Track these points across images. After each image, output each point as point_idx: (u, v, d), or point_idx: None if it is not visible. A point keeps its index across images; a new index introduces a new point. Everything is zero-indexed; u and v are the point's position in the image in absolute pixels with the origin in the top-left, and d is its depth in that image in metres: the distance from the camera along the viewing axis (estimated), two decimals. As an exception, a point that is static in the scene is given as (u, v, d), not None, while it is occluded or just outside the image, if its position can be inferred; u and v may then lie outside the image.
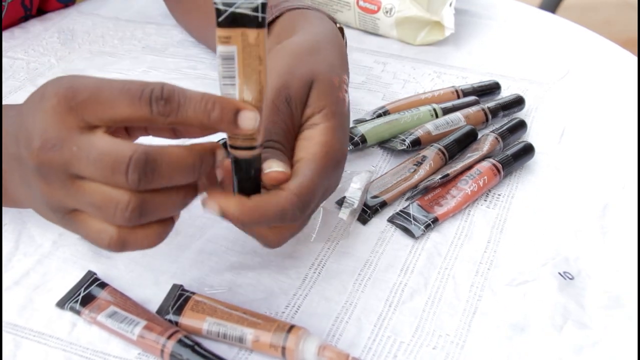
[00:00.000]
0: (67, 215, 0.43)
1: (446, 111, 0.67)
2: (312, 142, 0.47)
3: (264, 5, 0.40)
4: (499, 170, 0.60)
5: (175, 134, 0.45)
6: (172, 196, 0.42)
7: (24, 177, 0.44)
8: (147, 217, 0.41)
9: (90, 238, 0.43)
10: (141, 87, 0.40)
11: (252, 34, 0.40)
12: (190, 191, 0.43)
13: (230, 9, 0.39)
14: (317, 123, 0.48)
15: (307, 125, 0.48)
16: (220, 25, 0.40)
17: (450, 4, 0.80)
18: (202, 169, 0.41)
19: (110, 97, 0.40)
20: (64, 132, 0.40)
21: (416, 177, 0.60)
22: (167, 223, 0.43)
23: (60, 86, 0.40)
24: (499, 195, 0.60)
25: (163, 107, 0.40)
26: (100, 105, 0.40)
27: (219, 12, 0.40)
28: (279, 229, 0.47)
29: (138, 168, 0.39)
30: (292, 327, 0.46)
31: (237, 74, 0.41)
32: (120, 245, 0.42)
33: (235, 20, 0.40)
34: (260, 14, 0.40)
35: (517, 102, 0.70)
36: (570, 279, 0.52)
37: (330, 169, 0.47)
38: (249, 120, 0.41)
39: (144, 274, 0.52)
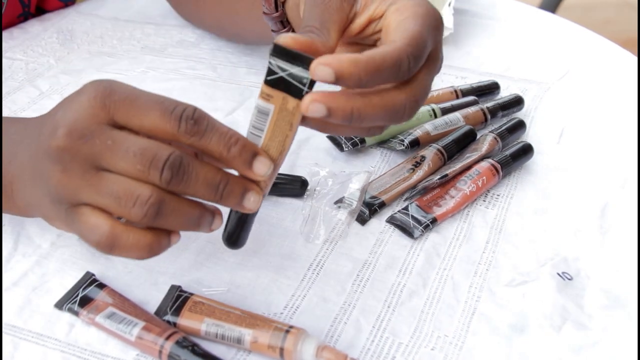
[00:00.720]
0: (70, 209, 0.43)
1: (445, 111, 0.67)
2: (407, 8, 0.46)
3: (312, 83, 0.42)
4: (497, 171, 0.60)
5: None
6: (190, 207, 0.42)
7: (36, 171, 0.44)
8: (163, 217, 0.41)
9: (83, 233, 0.43)
10: (175, 104, 0.41)
11: (292, 102, 0.42)
12: (206, 213, 0.43)
13: (282, 74, 0.42)
14: None
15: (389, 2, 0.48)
16: (267, 82, 0.42)
17: (449, 4, 0.80)
18: (224, 191, 0.42)
19: (144, 104, 0.41)
20: (95, 125, 0.41)
21: (415, 178, 0.60)
22: (162, 235, 0.43)
23: (100, 84, 0.42)
24: (498, 195, 0.60)
25: (191, 127, 0.41)
26: (133, 109, 0.41)
27: (270, 72, 0.42)
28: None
29: (174, 167, 0.40)
30: (290, 327, 0.46)
31: (266, 129, 0.43)
32: (109, 243, 0.42)
33: (281, 84, 0.42)
34: (305, 89, 0.42)
35: (516, 102, 0.70)
36: (569, 279, 0.52)
37: (434, 26, 0.46)
38: (263, 166, 0.43)
39: (142, 275, 0.52)
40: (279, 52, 0.41)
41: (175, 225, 0.43)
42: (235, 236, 0.46)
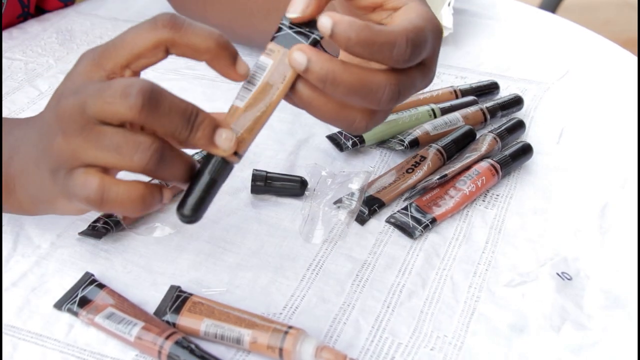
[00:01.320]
0: (66, 174, 0.43)
1: (444, 111, 0.67)
2: (416, 9, 0.47)
3: (316, 41, 0.44)
4: (497, 171, 0.60)
5: None
6: (184, 158, 0.43)
7: (40, 150, 0.45)
8: (164, 165, 0.41)
9: (75, 192, 0.42)
10: (150, 21, 0.43)
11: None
12: (196, 164, 0.44)
13: (289, 31, 0.44)
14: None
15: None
16: (273, 39, 0.44)
17: (449, 4, 0.80)
18: (196, 122, 0.42)
19: (124, 40, 0.43)
20: (87, 80, 0.43)
21: (414, 178, 0.60)
22: (154, 189, 0.43)
23: (91, 50, 0.44)
24: (498, 195, 0.60)
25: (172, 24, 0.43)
26: (116, 49, 0.43)
27: (279, 29, 0.44)
28: (371, 112, 0.46)
29: (144, 93, 0.40)
30: (289, 328, 0.46)
31: (260, 82, 0.44)
32: (99, 197, 0.41)
33: (285, 40, 0.44)
34: (307, 44, 0.44)
35: (516, 102, 0.70)
36: (569, 279, 0.52)
37: (436, 32, 0.47)
38: (226, 140, 0.43)
39: (141, 275, 0.52)
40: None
41: (174, 174, 0.42)
42: (197, 204, 0.42)
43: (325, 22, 0.42)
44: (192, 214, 0.42)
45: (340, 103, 0.45)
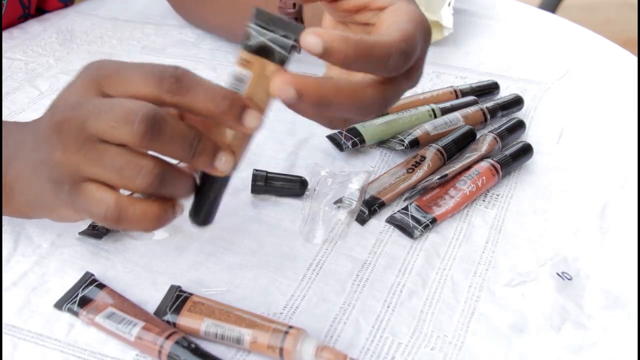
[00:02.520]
0: (72, 188, 0.43)
1: (445, 111, 0.67)
2: (405, 11, 0.46)
3: (293, 47, 0.41)
4: (497, 171, 0.60)
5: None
6: (185, 175, 0.43)
7: (38, 158, 0.45)
8: (166, 186, 0.42)
9: (88, 209, 0.42)
10: (157, 66, 0.41)
11: (270, 67, 0.41)
12: (194, 179, 0.44)
13: (263, 39, 0.41)
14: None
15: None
16: (246, 48, 0.41)
17: (449, 4, 0.80)
18: (198, 148, 0.42)
19: (128, 72, 0.42)
20: (84, 97, 0.42)
21: (414, 178, 0.60)
22: (167, 205, 0.43)
23: (91, 64, 0.43)
24: (498, 195, 0.60)
25: (174, 85, 0.40)
26: (120, 78, 0.42)
27: (249, 37, 0.41)
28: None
29: (147, 119, 0.40)
30: (290, 328, 0.46)
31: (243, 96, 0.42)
32: (116, 216, 0.42)
33: (262, 50, 0.41)
34: (287, 54, 0.41)
35: (516, 102, 0.70)
36: (569, 279, 0.52)
37: (425, 35, 0.46)
38: (254, 119, 0.42)
39: (142, 275, 0.52)
40: (262, 17, 0.41)
41: (175, 193, 0.43)
42: (206, 211, 0.44)
43: (312, 41, 0.40)
44: (205, 222, 0.45)
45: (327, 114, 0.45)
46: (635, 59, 0.80)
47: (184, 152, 0.41)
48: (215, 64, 0.78)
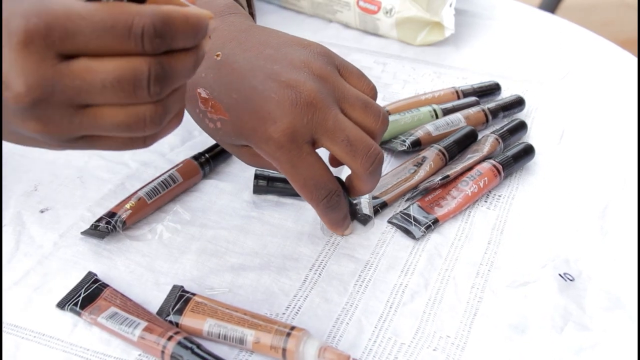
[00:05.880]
0: (78, 142, 0.39)
1: (446, 112, 0.67)
2: None
3: None
4: (499, 171, 0.60)
5: None
6: (185, 58, 0.38)
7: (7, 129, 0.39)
8: (169, 82, 0.37)
9: (122, 126, 0.38)
10: (127, 23, 0.35)
11: None
12: (197, 54, 0.39)
13: None
14: None
15: None
16: None
17: (450, 5, 0.80)
18: (199, 35, 0.38)
19: (91, 32, 0.35)
20: (49, 70, 0.35)
21: (416, 178, 0.60)
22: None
23: (28, 20, 0.35)
24: (500, 196, 0.60)
25: (158, 45, 0.36)
26: (81, 41, 0.35)
27: None
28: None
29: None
30: (292, 328, 0.46)
31: None
32: (159, 117, 0.38)
33: None
34: None
35: (517, 103, 0.70)
36: (571, 280, 0.52)
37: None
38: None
39: (144, 275, 0.52)
40: None
41: (181, 79, 0.38)
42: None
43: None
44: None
45: None
46: (635, 59, 0.80)
47: (193, 42, 0.38)
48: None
